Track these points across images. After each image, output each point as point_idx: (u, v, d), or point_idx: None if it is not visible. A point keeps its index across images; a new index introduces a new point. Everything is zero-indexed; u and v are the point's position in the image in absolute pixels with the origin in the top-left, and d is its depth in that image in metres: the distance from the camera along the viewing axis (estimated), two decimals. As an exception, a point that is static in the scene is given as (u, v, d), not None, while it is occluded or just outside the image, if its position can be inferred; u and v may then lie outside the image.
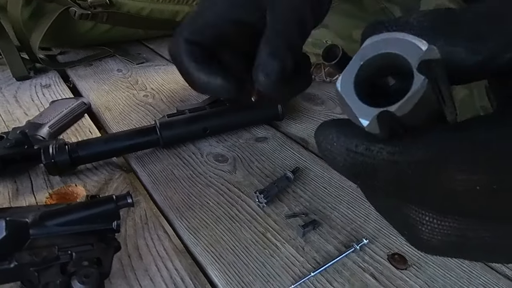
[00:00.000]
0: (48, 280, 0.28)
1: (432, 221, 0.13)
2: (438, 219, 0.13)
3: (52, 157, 0.44)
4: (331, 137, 0.13)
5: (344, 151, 0.12)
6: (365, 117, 0.11)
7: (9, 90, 0.70)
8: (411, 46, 0.11)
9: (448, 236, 0.13)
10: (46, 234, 0.30)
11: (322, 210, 0.40)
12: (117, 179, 0.46)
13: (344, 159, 0.12)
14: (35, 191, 0.44)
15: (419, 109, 0.11)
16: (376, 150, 0.12)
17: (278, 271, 0.34)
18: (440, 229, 0.13)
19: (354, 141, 0.12)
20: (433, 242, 0.13)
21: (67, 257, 0.30)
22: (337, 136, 0.12)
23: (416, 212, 0.13)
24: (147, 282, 0.33)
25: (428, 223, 0.13)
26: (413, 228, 0.13)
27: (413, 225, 0.13)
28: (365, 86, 0.12)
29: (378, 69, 0.12)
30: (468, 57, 0.12)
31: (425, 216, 0.13)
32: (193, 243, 0.37)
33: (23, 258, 0.28)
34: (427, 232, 0.13)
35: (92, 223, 0.33)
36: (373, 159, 0.12)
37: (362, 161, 0.12)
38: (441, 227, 0.13)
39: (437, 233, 0.13)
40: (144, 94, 0.68)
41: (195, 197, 0.43)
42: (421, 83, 0.11)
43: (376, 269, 0.34)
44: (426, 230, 0.13)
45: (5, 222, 0.27)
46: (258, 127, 0.56)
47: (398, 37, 0.11)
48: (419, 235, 0.13)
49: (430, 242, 0.13)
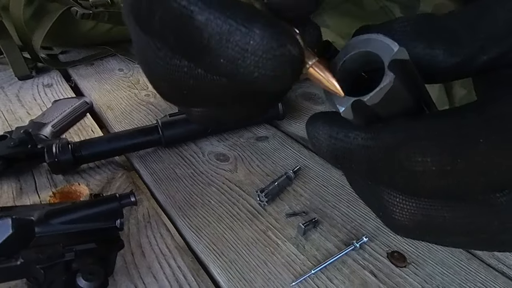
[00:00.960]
0: (53, 278, 0.29)
1: (402, 202, 0.14)
2: (406, 199, 0.14)
3: (55, 156, 0.44)
4: (318, 125, 0.14)
5: (327, 138, 0.14)
6: (342, 105, 0.13)
7: (12, 89, 0.70)
8: (385, 47, 0.13)
9: (415, 215, 0.14)
10: (51, 232, 0.31)
11: (323, 208, 0.41)
12: (120, 178, 0.46)
13: (327, 145, 0.14)
14: (38, 190, 0.45)
15: (390, 101, 0.13)
16: (353, 136, 0.13)
17: (279, 269, 0.34)
18: (408, 209, 0.14)
19: (335, 129, 0.14)
20: (403, 221, 0.15)
21: (71, 255, 0.30)
22: (322, 125, 0.14)
23: (389, 195, 0.15)
24: (150, 279, 0.34)
25: (398, 203, 0.14)
26: (386, 209, 0.15)
27: (386, 206, 0.15)
28: (348, 79, 0.14)
29: (359, 65, 0.14)
30: (446, 59, 0.14)
31: (396, 198, 0.14)
32: (195, 241, 0.38)
33: (29, 255, 0.28)
34: (397, 212, 0.15)
35: (96, 222, 0.33)
36: (350, 144, 0.14)
37: (341, 146, 0.14)
38: (409, 207, 0.14)
39: (406, 212, 0.14)
40: (146, 94, 0.68)
41: (197, 195, 0.44)
42: (389, 79, 0.12)
43: (376, 266, 0.34)
44: (397, 210, 0.15)
45: (11, 220, 0.28)
46: (259, 126, 0.56)
47: (376, 38, 0.13)
48: (391, 214, 0.15)
49: (401, 222, 0.15)
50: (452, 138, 0.12)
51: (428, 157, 0.12)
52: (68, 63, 0.82)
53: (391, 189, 0.15)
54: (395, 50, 0.12)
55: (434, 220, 0.14)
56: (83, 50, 0.88)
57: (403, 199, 0.14)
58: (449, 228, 0.14)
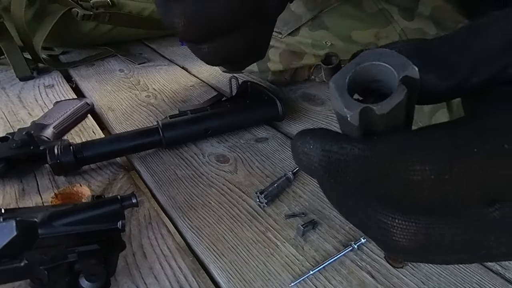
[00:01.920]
0: (56, 278, 0.29)
1: (401, 223, 0.14)
2: (406, 219, 0.14)
3: (57, 157, 0.45)
4: (307, 140, 0.14)
5: (320, 152, 0.14)
6: (350, 110, 0.13)
7: (13, 90, 0.71)
8: (398, 62, 0.13)
9: (415, 235, 0.14)
10: (54, 233, 0.31)
11: (321, 210, 0.41)
12: (121, 179, 0.47)
13: (320, 159, 0.14)
14: (41, 191, 0.45)
15: (392, 115, 0.13)
16: (349, 148, 0.14)
17: (278, 269, 0.35)
18: (408, 229, 0.14)
19: (328, 142, 0.14)
20: (404, 242, 0.14)
21: (74, 256, 0.31)
22: (313, 140, 0.14)
23: (387, 216, 0.15)
24: (151, 280, 0.34)
25: (398, 225, 0.14)
26: (385, 231, 0.15)
27: (385, 229, 0.15)
28: (356, 87, 0.14)
29: (369, 77, 0.14)
30: (439, 83, 0.15)
31: (395, 219, 0.14)
32: (196, 242, 0.38)
33: (33, 257, 0.29)
34: (398, 234, 0.14)
35: (98, 223, 0.34)
36: (346, 156, 0.14)
37: (336, 158, 0.14)
38: (409, 227, 0.14)
39: (406, 233, 0.14)
40: (146, 95, 0.69)
41: (197, 197, 0.44)
42: (402, 92, 0.13)
43: (374, 267, 0.35)
44: (396, 232, 0.14)
45: (15, 222, 0.28)
46: (259, 127, 0.57)
47: (389, 53, 0.13)
48: (391, 236, 0.15)
49: (402, 243, 0.14)
50: (449, 148, 0.13)
51: (426, 166, 0.13)
52: (69, 64, 0.82)
53: (388, 209, 0.15)
54: (410, 67, 0.13)
55: (434, 239, 0.14)
56: (83, 51, 0.88)
57: (403, 220, 0.14)
58: (449, 246, 0.14)
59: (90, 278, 0.29)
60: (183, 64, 0.82)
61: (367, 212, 0.15)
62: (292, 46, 0.59)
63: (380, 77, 0.14)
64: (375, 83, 0.14)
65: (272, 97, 0.55)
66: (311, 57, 0.61)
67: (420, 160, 0.13)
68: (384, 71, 0.13)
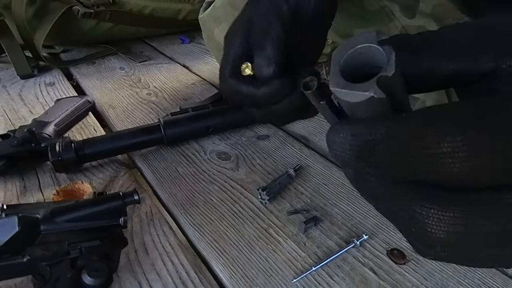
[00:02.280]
0: (59, 274, 0.29)
1: (437, 213, 0.13)
2: (442, 209, 0.13)
3: (59, 154, 0.45)
4: (337, 129, 0.15)
5: (350, 137, 0.14)
6: (368, 90, 0.13)
7: (14, 88, 0.71)
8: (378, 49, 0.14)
9: (453, 226, 0.13)
10: (56, 229, 0.31)
11: (323, 206, 0.41)
12: (123, 177, 0.47)
13: (350, 144, 0.14)
14: (42, 188, 0.45)
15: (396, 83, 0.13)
16: (376, 127, 0.13)
17: (280, 266, 0.35)
18: (445, 219, 0.13)
19: (357, 125, 0.14)
20: (440, 234, 0.13)
21: (76, 252, 0.31)
22: (342, 128, 0.15)
23: (421, 206, 0.14)
24: (153, 276, 0.34)
25: (434, 215, 0.13)
26: (420, 222, 0.14)
27: (420, 220, 0.14)
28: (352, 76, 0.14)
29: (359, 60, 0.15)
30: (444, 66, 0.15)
31: (430, 209, 0.14)
32: (198, 238, 0.38)
33: (35, 252, 0.29)
34: (433, 225, 0.14)
35: (100, 219, 0.34)
36: (374, 135, 0.13)
37: (365, 139, 0.14)
38: (446, 217, 0.13)
39: (443, 223, 0.13)
40: (147, 92, 0.69)
41: (199, 194, 0.44)
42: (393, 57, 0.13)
43: (376, 264, 0.35)
44: (432, 223, 0.14)
45: (17, 218, 0.28)
46: (260, 125, 0.57)
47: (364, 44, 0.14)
48: (426, 228, 0.14)
49: (437, 235, 0.14)
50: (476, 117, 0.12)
51: (458, 136, 0.12)
52: (69, 62, 0.82)
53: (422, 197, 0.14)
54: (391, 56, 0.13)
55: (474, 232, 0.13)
56: (84, 49, 0.88)
57: (439, 209, 0.13)
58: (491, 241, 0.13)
59: (92, 274, 0.29)
60: (184, 62, 0.82)
61: (400, 201, 0.14)
62: (293, 43, 0.59)
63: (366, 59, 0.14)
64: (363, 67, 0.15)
65: (274, 95, 0.55)
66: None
67: (450, 130, 0.12)
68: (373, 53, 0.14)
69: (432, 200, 0.14)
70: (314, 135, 0.54)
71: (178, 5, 0.87)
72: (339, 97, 0.14)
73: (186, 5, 0.88)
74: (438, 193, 0.14)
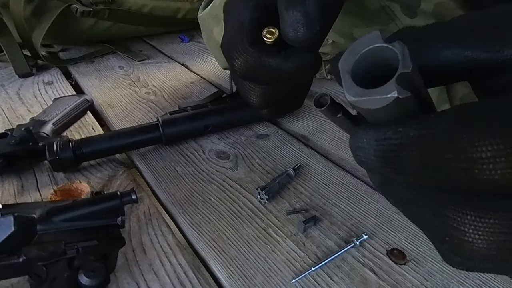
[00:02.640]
0: (55, 274, 0.29)
1: (475, 219, 0.12)
2: (481, 216, 0.12)
3: (56, 154, 0.44)
4: (360, 134, 0.13)
5: (374, 142, 0.13)
6: (391, 92, 0.12)
7: (12, 87, 0.70)
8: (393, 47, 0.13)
9: (495, 234, 0.12)
10: (53, 229, 0.31)
11: (323, 206, 0.41)
12: (121, 176, 0.47)
13: (374, 150, 0.13)
14: (40, 188, 0.45)
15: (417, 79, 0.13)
16: (404, 130, 0.12)
17: (279, 266, 0.35)
18: (485, 226, 0.12)
19: (381, 130, 0.13)
20: (480, 244, 0.12)
21: (73, 252, 0.30)
22: (365, 132, 0.13)
23: (456, 212, 0.12)
24: (151, 276, 0.34)
25: (471, 221, 0.12)
26: (455, 230, 0.12)
27: (454, 227, 0.12)
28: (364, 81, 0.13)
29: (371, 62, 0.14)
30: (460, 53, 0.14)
31: (466, 215, 0.12)
32: (196, 238, 0.38)
33: (31, 252, 0.28)
34: (471, 233, 0.12)
35: (98, 219, 0.33)
36: (401, 139, 0.12)
37: (391, 143, 0.12)
38: (486, 224, 0.12)
39: (483, 231, 0.12)
40: (146, 91, 0.68)
41: (198, 193, 0.44)
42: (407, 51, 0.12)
43: (376, 264, 0.34)
44: (470, 230, 0.12)
45: (13, 217, 0.28)
46: (259, 124, 0.56)
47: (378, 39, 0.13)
48: (463, 237, 0.12)
49: (477, 245, 0.12)
50: None
51: (497, 139, 0.10)
52: (68, 61, 0.82)
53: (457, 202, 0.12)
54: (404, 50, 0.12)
55: None
56: (83, 48, 0.88)
57: (477, 215, 0.12)
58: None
59: (89, 274, 0.29)
60: (183, 61, 0.82)
61: (431, 206, 0.13)
62: (293, 42, 0.59)
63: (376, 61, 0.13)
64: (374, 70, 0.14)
65: (273, 94, 0.55)
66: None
67: (487, 132, 0.11)
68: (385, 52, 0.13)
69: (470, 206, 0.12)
70: (314, 135, 0.54)
71: (177, 3, 0.87)
72: (359, 106, 0.13)
73: (185, 3, 0.88)
74: (475, 198, 0.12)
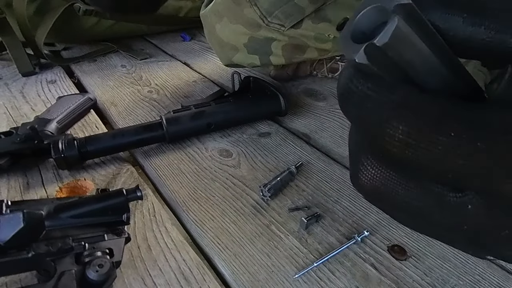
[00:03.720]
0: (63, 269, 0.29)
1: (369, 165, 0.15)
2: (374, 165, 0.15)
3: (62, 151, 0.45)
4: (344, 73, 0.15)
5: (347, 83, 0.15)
6: (355, 52, 0.14)
7: (16, 85, 0.71)
8: None
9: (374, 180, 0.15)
10: (60, 225, 0.31)
11: (324, 203, 0.42)
12: (125, 174, 0.47)
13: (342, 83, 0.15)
14: (45, 185, 0.45)
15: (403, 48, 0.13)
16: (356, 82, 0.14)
17: (282, 262, 0.35)
18: (371, 173, 0.15)
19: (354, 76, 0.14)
20: (364, 182, 0.16)
21: (81, 248, 0.31)
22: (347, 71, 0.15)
23: (365, 157, 0.16)
24: (156, 272, 0.34)
25: (366, 165, 0.16)
26: (356, 167, 0.16)
27: (358, 165, 0.16)
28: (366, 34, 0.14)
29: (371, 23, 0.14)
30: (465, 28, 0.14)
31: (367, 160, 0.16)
32: (200, 235, 0.39)
33: (40, 248, 0.29)
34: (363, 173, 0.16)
35: (104, 216, 0.34)
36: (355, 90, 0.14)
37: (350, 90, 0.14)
38: (373, 171, 0.15)
39: (368, 175, 0.15)
40: (149, 90, 0.69)
41: (201, 191, 0.44)
42: (394, 18, 0.13)
43: (377, 259, 0.35)
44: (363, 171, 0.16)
45: (22, 214, 0.28)
46: (261, 122, 0.57)
47: None
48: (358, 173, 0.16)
49: (362, 182, 0.16)
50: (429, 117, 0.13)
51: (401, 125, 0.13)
52: (70, 60, 0.82)
53: (370, 152, 0.15)
54: None
55: (388, 191, 0.15)
56: (85, 47, 0.88)
57: (371, 163, 0.15)
58: (398, 204, 0.15)
59: (97, 269, 0.29)
60: (185, 60, 0.82)
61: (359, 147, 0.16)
62: (295, 39, 0.59)
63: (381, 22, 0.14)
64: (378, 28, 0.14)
65: (275, 92, 0.55)
66: (313, 51, 0.61)
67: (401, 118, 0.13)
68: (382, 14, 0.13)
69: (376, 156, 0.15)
70: (315, 133, 0.55)
71: (179, 2, 0.87)
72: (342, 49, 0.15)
73: (187, 2, 0.88)
74: None
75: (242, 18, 0.59)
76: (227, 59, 0.63)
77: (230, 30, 0.60)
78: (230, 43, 0.61)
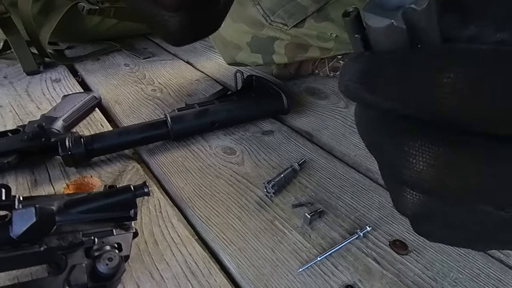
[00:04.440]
0: (74, 263, 0.30)
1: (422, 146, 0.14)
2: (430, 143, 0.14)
3: (68, 149, 0.46)
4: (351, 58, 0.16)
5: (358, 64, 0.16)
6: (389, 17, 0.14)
7: (21, 84, 0.71)
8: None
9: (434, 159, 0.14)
10: (71, 220, 0.32)
11: (327, 199, 0.42)
12: (130, 171, 0.48)
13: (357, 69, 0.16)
14: (52, 182, 0.46)
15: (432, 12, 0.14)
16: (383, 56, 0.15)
17: (286, 256, 0.36)
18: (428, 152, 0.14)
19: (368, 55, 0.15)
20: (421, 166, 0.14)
21: (90, 242, 0.32)
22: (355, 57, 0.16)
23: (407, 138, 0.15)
24: (164, 266, 0.35)
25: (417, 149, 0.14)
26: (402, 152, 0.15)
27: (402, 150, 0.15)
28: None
29: None
30: None
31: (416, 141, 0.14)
32: (205, 230, 0.39)
33: (51, 242, 0.30)
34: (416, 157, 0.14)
35: (112, 211, 0.35)
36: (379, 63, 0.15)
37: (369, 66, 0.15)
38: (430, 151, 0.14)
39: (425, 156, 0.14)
40: (152, 89, 0.70)
41: (205, 187, 0.45)
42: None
43: (379, 254, 0.36)
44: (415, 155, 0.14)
45: (34, 208, 0.29)
46: (264, 120, 0.58)
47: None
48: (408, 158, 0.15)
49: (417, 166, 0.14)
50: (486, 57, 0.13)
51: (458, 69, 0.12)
52: (74, 59, 0.83)
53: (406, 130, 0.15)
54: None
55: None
56: (88, 46, 0.89)
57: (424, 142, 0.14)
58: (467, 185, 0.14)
59: (106, 263, 0.30)
60: (188, 59, 0.83)
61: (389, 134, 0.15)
62: (297, 38, 0.60)
63: None
64: None
65: (277, 91, 0.56)
66: (315, 50, 0.61)
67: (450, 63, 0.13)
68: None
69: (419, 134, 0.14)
70: (318, 131, 0.55)
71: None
72: (366, 21, 0.15)
73: (189, 2, 0.89)
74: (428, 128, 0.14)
75: (245, 17, 0.59)
76: (230, 58, 0.64)
77: (233, 29, 0.61)
78: (233, 42, 0.62)
